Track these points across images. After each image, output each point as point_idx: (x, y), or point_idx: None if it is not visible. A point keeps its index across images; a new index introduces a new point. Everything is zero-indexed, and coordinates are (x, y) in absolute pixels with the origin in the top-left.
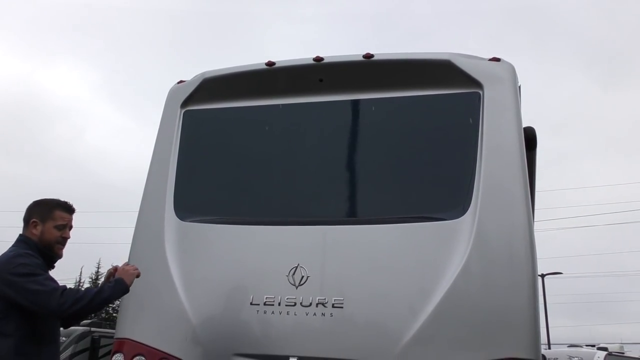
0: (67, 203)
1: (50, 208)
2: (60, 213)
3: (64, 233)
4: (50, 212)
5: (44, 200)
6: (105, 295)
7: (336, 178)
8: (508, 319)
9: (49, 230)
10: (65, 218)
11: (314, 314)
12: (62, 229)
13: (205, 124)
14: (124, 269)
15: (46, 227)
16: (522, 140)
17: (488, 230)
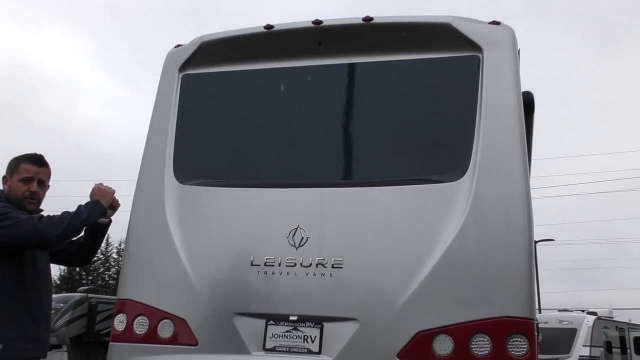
0: (35, 155)
1: (17, 161)
2: (26, 166)
3: (31, 187)
4: (16, 165)
5: (16, 156)
6: (83, 217)
7: (335, 141)
8: (504, 280)
9: (14, 184)
10: (31, 171)
11: (313, 274)
12: (28, 182)
13: (204, 88)
14: (100, 188)
15: (13, 181)
16: (521, 104)
17: (486, 193)
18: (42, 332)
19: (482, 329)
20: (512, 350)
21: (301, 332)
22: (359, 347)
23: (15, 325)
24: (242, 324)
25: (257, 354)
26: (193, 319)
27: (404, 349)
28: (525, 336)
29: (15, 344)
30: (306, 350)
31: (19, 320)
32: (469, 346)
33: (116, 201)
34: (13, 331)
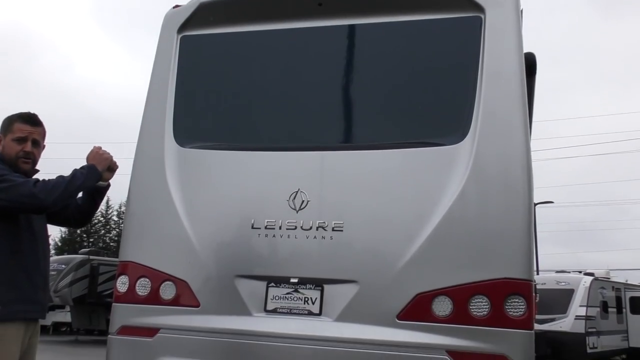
0: (28, 114)
1: (10, 121)
2: (20, 125)
3: (25, 147)
4: (10, 124)
5: (10, 115)
6: (78, 182)
7: (335, 104)
8: (504, 242)
9: (8, 143)
10: (25, 130)
11: (314, 237)
12: (22, 142)
13: (203, 50)
14: (97, 152)
15: (6, 140)
16: (523, 66)
17: (486, 156)
18: (41, 294)
19: (480, 290)
20: (510, 311)
21: (302, 294)
22: (359, 309)
23: (13, 288)
24: (243, 286)
25: (259, 315)
26: (195, 281)
27: (403, 310)
28: (524, 297)
29: (13, 305)
30: (307, 312)
31: (17, 282)
32: (467, 307)
33: (114, 164)
34: (11, 293)
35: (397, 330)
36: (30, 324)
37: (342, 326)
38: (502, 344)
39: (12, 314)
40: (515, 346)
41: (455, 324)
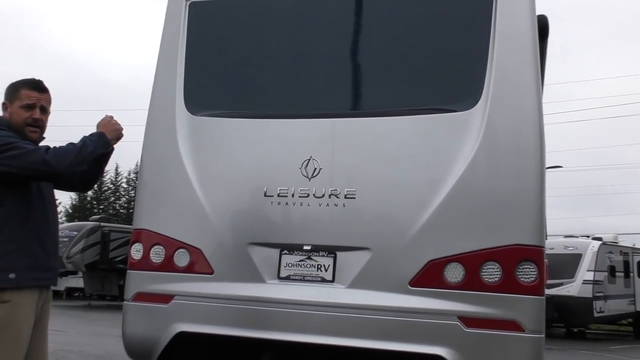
0: (34, 80)
1: (16, 88)
2: (27, 92)
3: (34, 114)
4: (15, 91)
5: (15, 81)
6: (90, 149)
7: (346, 70)
8: (516, 208)
9: (16, 111)
10: (33, 97)
11: (326, 205)
12: (30, 109)
13: (212, 16)
14: (109, 121)
15: (13, 108)
16: (536, 29)
17: (499, 121)
18: (52, 260)
19: (492, 257)
20: (521, 277)
21: (315, 261)
22: (371, 276)
23: (26, 255)
24: (257, 254)
25: (272, 282)
26: (208, 249)
27: (415, 277)
28: (535, 263)
29: (27, 273)
30: (320, 279)
31: (30, 249)
32: (479, 274)
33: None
34: (24, 260)
35: (409, 297)
36: (43, 291)
37: (354, 293)
38: (513, 309)
39: (26, 281)
40: (526, 312)
41: (467, 291)
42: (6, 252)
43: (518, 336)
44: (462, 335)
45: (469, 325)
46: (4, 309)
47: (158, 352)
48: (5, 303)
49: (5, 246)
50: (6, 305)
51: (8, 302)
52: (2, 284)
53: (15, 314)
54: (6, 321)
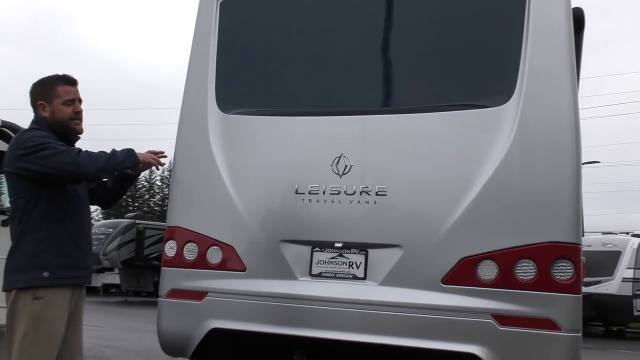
0: (66, 75)
1: (50, 86)
2: (64, 88)
3: (75, 107)
4: (52, 89)
5: (43, 79)
6: (119, 159)
7: (377, 66)
8: (550, 205)
9: (58, 108)
10: (71, 92)
11: (357, 202)
12: (71, 104)
13: (243, 15)
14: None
15: (54, 106)
16: (571, 22)
17: (533, 117)
18: (86, 259)
19: (526, 254)
20: (557, 275)
21: (346, 258)
22: (403, 273)
23: (59, 254)
24: (289, 251)
25: (304, 280)
26: (240, 246)
27: (447, 274)
28: (571, 261)
29: (60, 272)
30: (351, 276)
31: (64, 248)
32: (513, 271)
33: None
34: (58, 260)
35: (442, 294)
36: (76, 289)
37: (386, 290)
38: (548, 308)
39: (59, 280)
40: (562, 310)
41: (501, 288)
42: (41, 251)
43: (554, 335)
44: (496, 334)
45: (503, 324)
46: (38, 305)
47: (192, 348)
48: (39, 299)
49: (40, 245)
50: (40, 302)
51: (42, 298)
52: (36, 282)
53: (48, 310)
54: (40, 317)
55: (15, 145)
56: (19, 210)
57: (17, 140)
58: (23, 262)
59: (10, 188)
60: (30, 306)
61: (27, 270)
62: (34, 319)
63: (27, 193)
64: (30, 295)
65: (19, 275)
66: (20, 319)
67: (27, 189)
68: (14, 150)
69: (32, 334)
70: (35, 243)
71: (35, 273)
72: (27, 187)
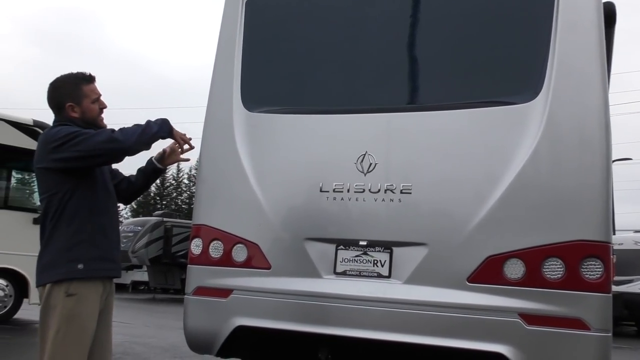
0: (84, 74)
1: (76, 86)
2: (89, 87)
3: (101, 104)
4: (77, 89)
5: (63, 81)
6: (154, 130)
7: (401, 64)
8: (579, 202)
9: (88, 107)
10: (95, 89)
11: (382, 200)
12: (97, 101)
13: (268, 14)
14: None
15: (85, 105)
16: (602, 17)
17: (561, 114)
18: (116, 252)
19: (554, 253)
20: (586, 274)
21: (371, 256)
22: (428, 272)
23: (93, 246)
24: (313, 249)
25: (328, 278)
26: (265, 244)
27: (473, 273)
28: (601, 259)
29: (94, 263)
30: (376, 274)
31: (97, 241)
32: (540, 270)
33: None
34: (91, 252)
35: (468, 293)
36: (107, 283)
37: (411, 288)
38: (577, 307)
39: (94, 271)
40: (592, 310)
41: (528, 287)
42: (75, 243)
43: (583, 334)
44: (524, 333)
45: (530, 323)
46: (71, 302)
47: (218, 345)
48: (72, 296)
49: (74, 237)
50: (73, 298)
51: (75, 295)
52: (72, 275)
53: (81, 306)
54: (73, 314)
55: (45, 140)
56: (52, 206)
57: (47, 135)
58: (57, 256)
59: (42, 185)
60: (63, 302)
61: (61, 263)
62: (67, 316)
63: (62, 187)
64: (64, 291)
65: (53, 269)
66: (54, 315)
67: (62, 183)
68: (46, 145)
69: (65, 329)
70: (69, 236)
71: (70, 266)
72: (62, 181)
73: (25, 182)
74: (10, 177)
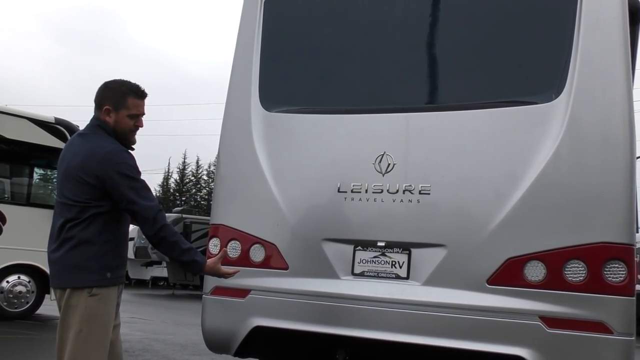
0: (139, 88)
1: (122, 95)
2: (135, 101)
3: (138, 122)
4: (123, 99)
5: (116, 85)
6: (184, 257)
7: (421, 63)
8: (602, 204)
9: (122, 119)
10: (139, 107)
11: (400, 201)
12: (135, 118)
13: (287, 13)
14: (217, 268)
15: (120, 115)
16: (626, 15)
17: (583, 114)
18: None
19: (576, 255)
20: (608, 277)
21: (389, 257)
22: (447, 273)
23: (118, 255)
24: (331, 250)
25: (346, 279)
26: (283, 244)
27: (493, 275)
28: (624, 262)
29: (118, 271)
30: (394, 276)
31: (121, 250)
32: (562, 272)
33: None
34: (117, 260)
35: (487, 295)
36: (120, 287)
37: (430, 290)
38: (599, 310)
39: (118, 279)
40: (614, 313)
41: (549, 290)
42: (105, 252)
43: (606, 338)
44: (544, 336)
45: (551, 326)
46: (94, 301)
47: (236, 345)
48: (95, 296)
49: (105, 247)
50: (95, 298)
51: (97, 295)
52: (101, 282)
53: (103, 305)
54: (96, 313)
55: (111, 157)
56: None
57: (112, 156)
58: (88, 261)
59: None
60: (86, 302)
61: (93, 270)
62: (89, 315)
63: (101, 198)
64: (87, 292)
65: (84, 274)
66: (75, 314)
67: (101, 194)
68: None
69: (87, 328)
70: (102, 244)
71: (100, 273)
72: (102, 192)
73: (47, 179)
74: (33, 174)
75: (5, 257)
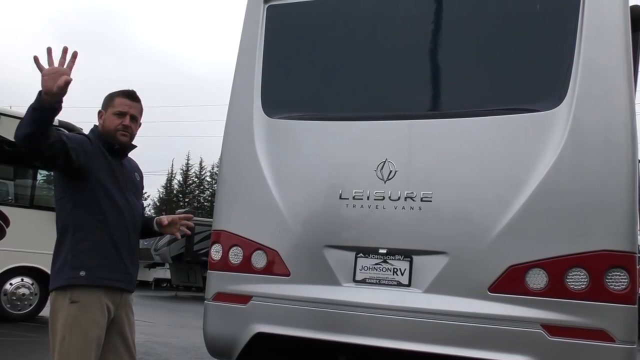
0: (129, 91)
1: (112, 96)
2: (121, 100)
3: (124, 121)
4: (111, 100)
5: (111, 92)
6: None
7: (423, 70)
8: (604, 212)
9: (109, 117)
10: (125, 105)
11: (402, 208)
12: (121, 116)
13: (289, 19)
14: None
15: (107, 114)
16: (628, 21)
17: (586, 121)
18: (128, 265)
19: (578, 263)
20: (610, 285)
21: (391, 264)
22: (449, 281)
23: (97, 255)
24: (332, 256)
25: (348, 285)
26: (284, 251)
27: (495, 282)
28: (626, 270)
29: (97, 271)
30: (396, 283)
31: (102, 250)
32: (564, 280)
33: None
34: (96, 260)
35: (489, 303)
36: (117, 295)
37: (431, 298)
38: (601, 318)
39: (95, 279)
40: (616, 321)
41: (551, 297)
42: (80, 251)
43: (607, 346)
44: (546, 344)
45: (553, 334)
46: (74, 309)
47: (237, 351)
48: (75, 303)
49: (79, 245)
50: (76, 305)
51: (78, 302)
52: (73, 281)
53: (84, 313)
54: (75, 320)
55: None
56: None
57: None
58: (63, 262)
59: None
60: (67, 309)
61: (65, 269)
62: (70, 322)
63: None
64: (67, 298)
65: (59, 275)
66: (58, 320)
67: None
68: None
69: (69, 336)
70: (75, 243)
71: (73, 272)
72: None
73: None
74: (36, 176)
75: (8, 260)
